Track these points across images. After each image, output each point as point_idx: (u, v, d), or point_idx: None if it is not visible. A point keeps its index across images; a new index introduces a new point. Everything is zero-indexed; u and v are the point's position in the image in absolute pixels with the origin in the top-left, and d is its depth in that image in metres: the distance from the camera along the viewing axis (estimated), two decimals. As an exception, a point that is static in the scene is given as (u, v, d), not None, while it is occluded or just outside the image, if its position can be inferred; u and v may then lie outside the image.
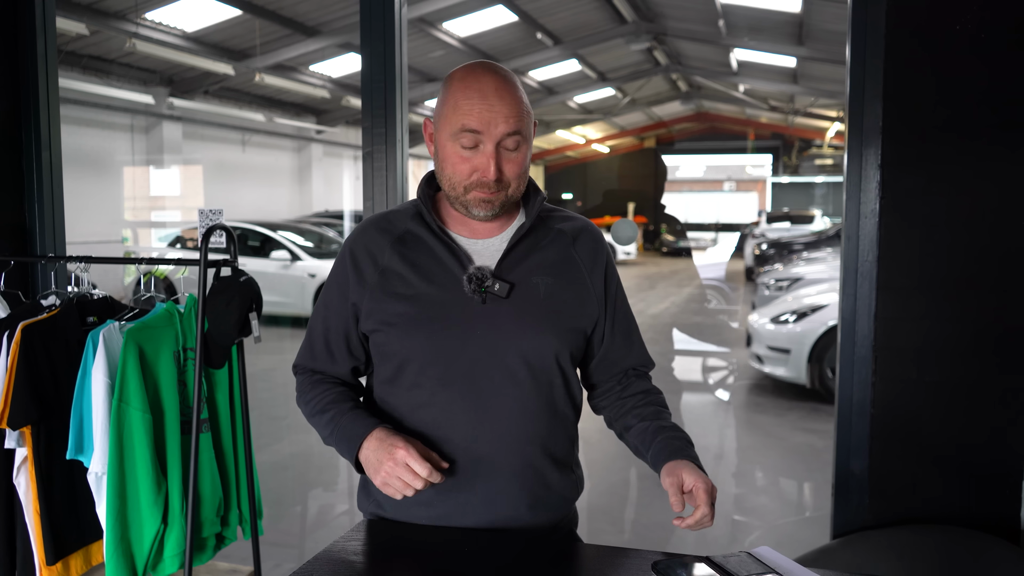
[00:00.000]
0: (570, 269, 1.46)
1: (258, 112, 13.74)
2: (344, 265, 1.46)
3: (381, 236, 1.45)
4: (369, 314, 1.42)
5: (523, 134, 1.36)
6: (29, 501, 2.05)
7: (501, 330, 1.38)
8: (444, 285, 1.39)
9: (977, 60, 1.97)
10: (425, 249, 1.42)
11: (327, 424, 1.43)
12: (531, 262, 1.43)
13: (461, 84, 1.35)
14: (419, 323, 1.38)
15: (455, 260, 1.40)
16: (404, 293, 1.40)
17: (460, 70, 1.38)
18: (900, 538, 2.00)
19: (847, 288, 2.10)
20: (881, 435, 2.09)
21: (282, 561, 3.20)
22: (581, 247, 1.48)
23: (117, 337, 2.02)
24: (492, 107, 1.32)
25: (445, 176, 1.39)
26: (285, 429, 5.28)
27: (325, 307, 1.50)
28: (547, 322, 1.41)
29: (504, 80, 1.36)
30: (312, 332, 1.51)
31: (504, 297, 1.38)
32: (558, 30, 12.20)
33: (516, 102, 1.35)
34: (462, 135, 1.33)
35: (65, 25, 8.30)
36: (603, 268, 1.50)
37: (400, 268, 1.41)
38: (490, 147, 1.33)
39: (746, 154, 22.32)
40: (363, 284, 1.43)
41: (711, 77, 15.57)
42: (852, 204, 2.08)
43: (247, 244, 9.51)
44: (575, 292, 1.45)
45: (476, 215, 1.39)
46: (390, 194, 2.35)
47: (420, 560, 1.32)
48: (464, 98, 1.33)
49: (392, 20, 2.30)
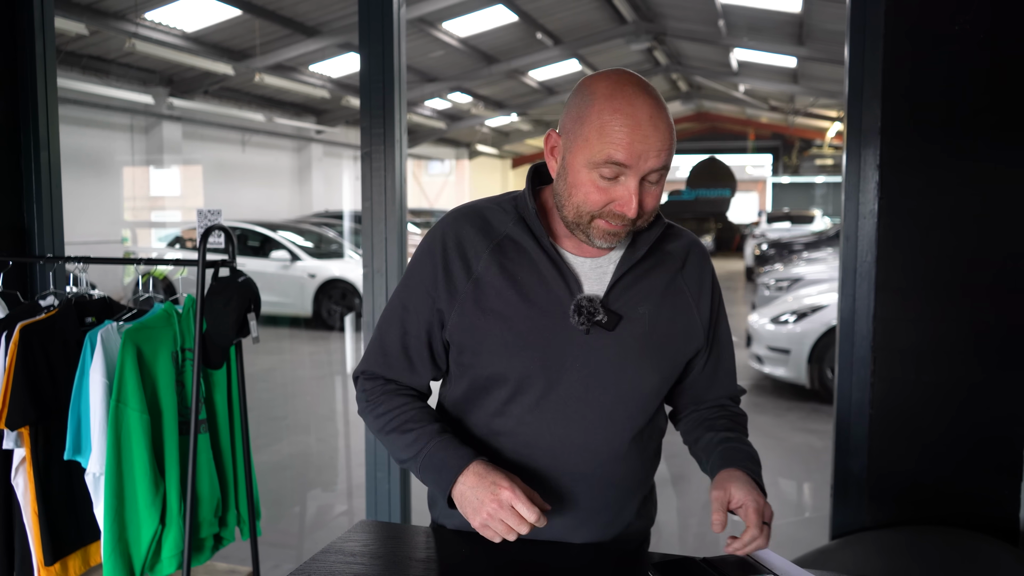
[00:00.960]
0: (677, 297, 1.32)
1: (258, 112, 13.75)
2: (432, 264, 1.30)
3: (478, 237, 1.29)
4: (458, 328, 1.28)
5: (668, 167, 1.20)
6: (27, 502, 2.05)
7: (603, 365, 1.26)
8: (547, 309, 1.26)
9: (976, 60, 1.97)
10: (527, 262, 1.28)
11: (409, 446, 1.27)
12: (639, 289, 1.29)
13: (609, 105, 1.16)
14: (515, 348, 1.25)
15: (562, 281, 1.26)
16: (501, 311, 1.26)
17: (607, 84, 1.19)
18: (899, 539, 2.00)
19: (846, 288, 2.10)
20: (880, 435, 2.09)
21: (281, 562, 3.20)
22: (689, 271, 1.35)
23: (115, 337, 2.02)
24: (646, 139, 1.15)
25: (571, 202, 1.21)
26: (284, 429, 5.28)
27: (403, 308, 1.33)
28: (651, 359, 1.29)
29: (658, 106, 1.17)
30: (386, 336, 1.34)
31: (610, 330, 1.26)
32: (558, 30, 12.21)
33: (669, 132, 1.18)
34: (605, 166, 1.17)
35: (65, 25, 8.31)
36: (710, 293, 1.37)
37: (498, 280, 1.27)
38: (634, 182, 1.17)
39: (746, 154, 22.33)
40: (453, 291, 1.28)
41: (711, 77, 15.58)
42: (851, 204, 2.08)
43: (247, 244, 9.51)
44: (681, 324, 1.32)
45: (598, 245, 1.24)
46: (389, 194, 2.35)
47: (419, 560, 1.32)
48: (613, 123, 1.15)
49: (391, 20, 2.30)
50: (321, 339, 8.72)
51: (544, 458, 1.28)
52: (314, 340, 8.74)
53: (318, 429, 5.40)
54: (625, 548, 1.37)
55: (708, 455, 1.35)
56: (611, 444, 1.29)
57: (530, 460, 1.28)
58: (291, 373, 7.13)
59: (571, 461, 1.28)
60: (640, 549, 1.43)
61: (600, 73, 1.22)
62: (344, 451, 4.92)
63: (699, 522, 3.82)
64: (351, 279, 8.92)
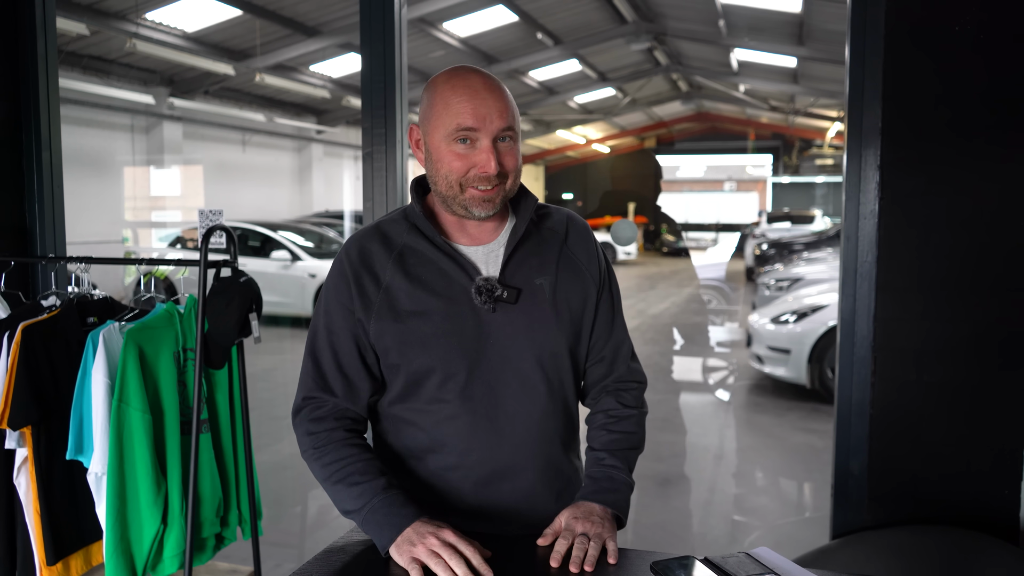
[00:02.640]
0: (568, 266, 1.46)
1: (258, 112, 13.74)
2: (345, 282, 1.41)
3: (380, 251, 1.42)
4: (379, 334, 1.38)
5: (515, 130, 1.36)
6: (29, 501, 2.05)
7: (514, 336, 1.39)
8: (453, 298, 1.38)
9: (976, 60, 1.97)
10: (427, 262, 1.40)
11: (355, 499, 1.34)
12: (531, 264, 1.43)
13: (448, 85, 1.35)
14: (435, 338, 1.37)
15: (461, 271, 1.39)
16: (414, 310, 1.38)
17: (443, 74, 1.38)
18: (899, 538, 2.00)
19: (846, 288, 2.10)
20: (880, 435, 2.09)
21: (282, 561, 3.20)
22: (573, 242, 1.49)
23: (117, 337, 2.03)
24: (485, 102, 1.32)
25: (441, 176, 1.37)
26: (285, 429, 5.27)
27: (329, 332, 1.42)
28: (555, 321, 1.42)
29: (490, 78, 1.36)
30: (320, 360, 1.42)
31: (513, 303, 1.39)
32: (558, 30, 12.20)
33: (506, 98, 1.35)
34: (457, 133, 1.33)
35: (65, 25, 8.31)
36: (596, 257, 1.51)
37: (405, 284, 1.39)
38: (487, 142, 1.33)
39: (746, 154, 22.34)
40: (367, 303, 1.39)
41: (711, 77, 15.58)
42: (851, 204, 2.08)
43: (247, 244, 9.51)
44: (577, 287, 1.46)
45: (476, 214, 1.37)
46: (390, 194, 2.35)
47: (419, 560, 1.32)
48: (455, 97, 1.33)
49: (392, 20, 2.30)
50: (322, 339, 8.70)
51: (488, 432, 1.39)
52: (315, 340, 8.71)
53: (319, 429, 5.39)
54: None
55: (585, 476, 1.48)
56: (539, 405, 1.41)
57: (475, 438, 1.39)
58: (292, 373, 7.10)
59: (508, 429, 1.40)
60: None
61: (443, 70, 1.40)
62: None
63: (699, 522, 3.82)
64: (351, 279, 8.89)
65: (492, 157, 1.33)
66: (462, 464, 1.40)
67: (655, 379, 1.64)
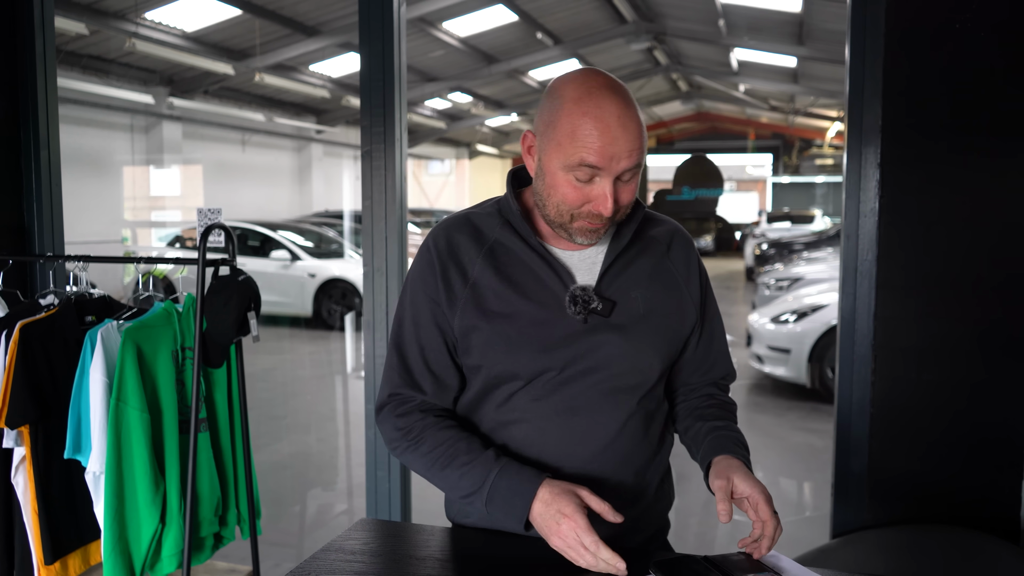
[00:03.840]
0: (666, 278, 1.37)
1: (258, 112, 13.75)
2: (432, 273, 1.33)
3: (470, 243, 1.33)
4: (461, 332, 1.31)
5: (641, 164, 1.24)
6: (27, 500, 2.05)
7: (603, 350, 1.30)
8: (544, 303, 1.30)
9: (976, 59, 1.97)
10: (519, 262, 1.32)
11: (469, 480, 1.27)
12: (629, 275, 1.34)
13: (578, 109, 1.20)
14: (520, 343, 1.29)
15: (555, 277, 1.31)
16: (501, 311, 1.29)
17: (576, 87, 1.22)
18: (899, 538, 1.99)
19: (846, 287, 2.10)
20: (880, 434, 2.08)
21: (281, 561, 3.20)
22: (675, 254, 1.40)
23: (115, 336, 2.02)
24: (616, 141, 1.18)
25: (551, 202, 1.26)
26: (284, 429, 5.28)
27: (415, 324, 1.35)
28: (647, 340, 1.33)
29: (626, 106, 1.21)
30: (406, 355, 1.35)
31: (606, 316, 1.30)
32: (558, 30, 12.21)
33: (639, 131, 1.21)
34: (578, 169, 1.21)
35: (65, 25, 8.31)
36: (697, 274, 1.42)
37: (494, 283, 1.31)
38: (607, 183, 1.21)
39: (746, 154, 22.34)
40: (452, 298, 1.31)
41: (711, 77, 15.58)
42: (851, 203, 2.08)
43: (247, 244, 9.51)
44: (673, 303, 1.37)
45: (579, 242, 1.28)
46: (389, 194, 2.35)
47: (420, 558, 1.32)
48: (584, 128, 1.19)
49: (391, 20, 2.30)
50: (321, 339, 8.72)
51: (555, 442, 1.31)
52: (314, 340, 8.74)
53: (318, 428, 5.41)
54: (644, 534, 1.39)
55: (699, 444, 1.38)
56: (618, 423, 1.32)
57: (541, 446, 1.31)
58: (291, 372, 7.13)
59: (580, 443, 1.31)
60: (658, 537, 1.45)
61: (569, 75, 1.26)
62: (344, 450, 4.92)
63: (699, 521, 3.82)
64: (351, 279, 8.92)
65: (610, 199, 1.21)
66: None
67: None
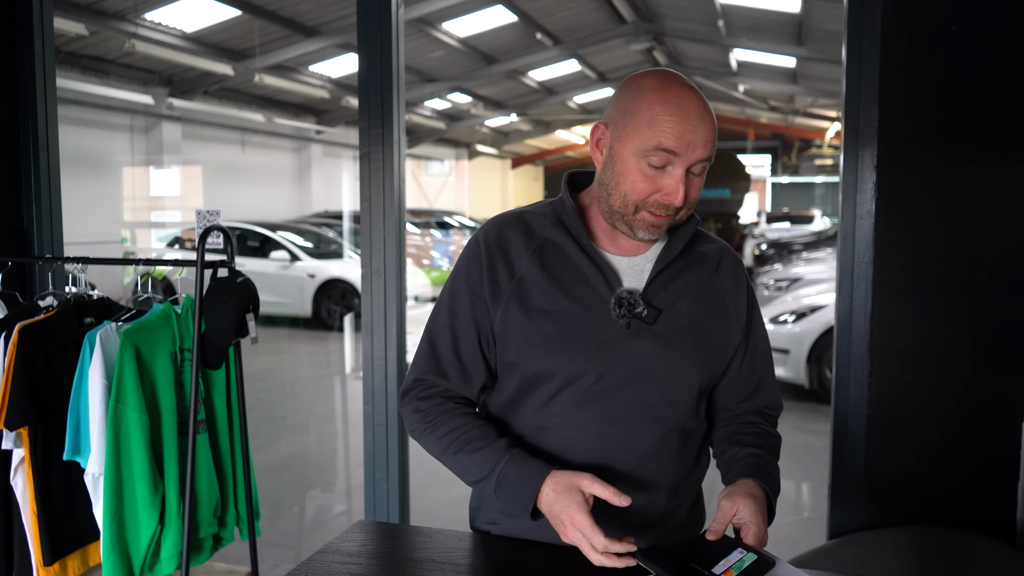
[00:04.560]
0: (713, 296, 1.36)
1: (257, 112, 13.74)
2: (478, 266, 1.33)
3: (520, 239, 1.33)
4: (503, 327, 1.30)
5: (711, 159, 1.25)
6: (26, 502, 2.05)
7: (644, 358, 1.29)
8: (589, 304, 1.29)
9: (973, 60, 1.97)
10: (567, 262, 1.32)
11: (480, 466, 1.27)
12: (677, 287, 1.33)
13: (659, 96, 1.21)
14: (560, 343, 1.28)
15: (602, 279, 1.30)
16: (545, 308, 1.29)
17: (655, 79, 1.24)
18: (896, 539, 2.00)
19: (843, 289, 2.10)
20: (878, 435, 2.09)
21: (280, 562, 3.20)
22: (724, 273, 1.38)
23: (114, 338, 2.02)
24: (695, 129, 1.20)
25: (618, 191, 1.25)
26: (283, 430, 5.28)
27: (452, 315, 1.34)
28: (691, 353, 1.31)
29: (703, 101, 1.24)
30: (437, 342, 1.35)
31: (650, 323, 1.29)
32: (558, 30, 12.21)
33: (714, 125, 1.23)
34: (654, 153, 1.21)
35: (64, 25, 8.31)
36: (745, 295, 1.40)
37: (540, 279, 1.30)
38: (681, 171, 1.22)
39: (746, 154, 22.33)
40: (497, 291, 1.31)
41: (711, 77, 15.57)
42: (848, 205, 2.08)
43: (246, 244, 9.51)
44: (720, 321, 1.35)
45: (639, 237, 1.27)
46: (387, 194, 2.35)
47: (417, 560, 1.32)
48: (664, 113, 1.20)
49: (389, 20, 2.30)
50: (320, 339, 8.72)
51: (589, 452, 1.29)
52: (313, 340, 8.74)
53: (317, 429, 5.41)
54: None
55: (730, 467, 1.36)
56: (655, 437, 1.30)
57: (576, 454, 1.29)
58: (290, 373, 7.13)
59: (616, 455, 1.29)
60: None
61: (648, 70, 1.27)
62: (343, 451, 4.92)
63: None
64: (350, 279, 8.92)
65: (682, 187, 1.22)
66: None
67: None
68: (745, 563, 1.19)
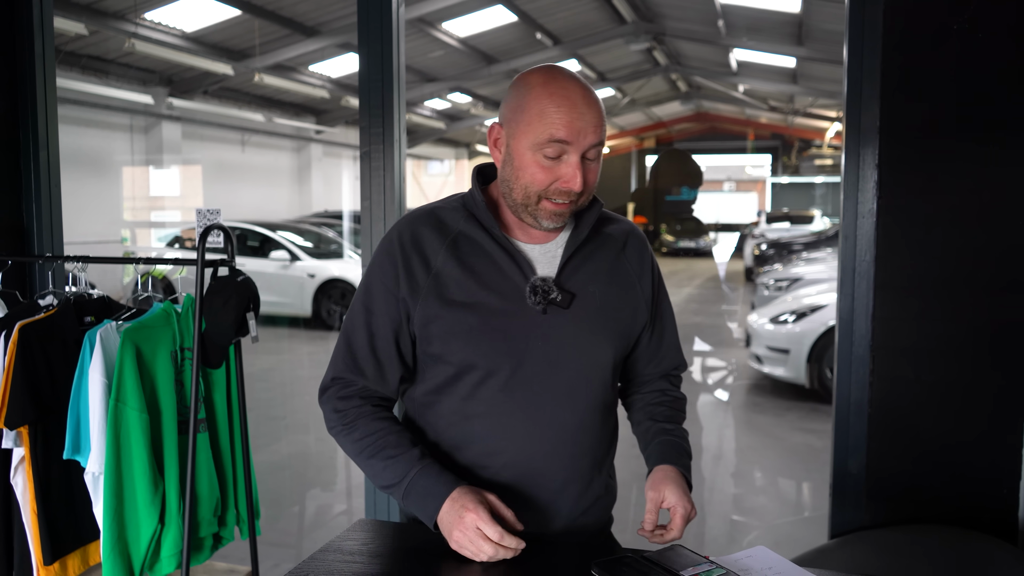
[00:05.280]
0: (621, 276, 1.43)
1: (257, 112, 13.74)
2: (392, 264, 1.37)
3: (433, 235, 1.37)
4: (423, 321, 1.34)
5: (603, 143, 1.31)
6: (26, 501, 2.05)
7: (562, 341, 1.35)
8: (505, 294, 1.34)
9: (974, 60, 1.97)
10: (482, 254, 1.36)
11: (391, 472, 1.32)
12: (587, 270, 1.39)
13: (545, 91, 1.27)
14: (481, 332, 1.32)
15: (516, 268, 1.35)
16: (463, 300, 1.33)
17: (541, 75, 1.30)
18: (897, 538, 2.00)
19: (845, 288, 2.10)
20: (879, 435, 2.09)
21: (280, 561, 3.20)
22: (630, 252, 1.46)
23: (114, 337, 2.02)
24: (583, 116, 1.26)
25: (519, 184, 1.31)
26: (283, 429, 5.28)
27: (368, 312, 1.38)
28: (604, 332, 1.38)
29: (588, 89, 1.30)
30: (353, 341, 1.39)
31: (565, 307, 1.35)
32: (558, 30, 12.20)
33: (601, 110, 1.30)
34: (548, 145, 1.27)
35: (64, 25, 8.31)
36: (650, 270, 1.48)
37: (456, 273, 1.34)
38: (576, 158, 1.28)
39: (746, 154, 22.34)
40: (415, 287, 1.35)
41: (711, 77, 15.58)
42: (850, 204, 2.08)
43: (246, 244, 9.50)
44: (628, 300, 1.43)
45: (543, 226, 1.33)
46: (388, 194, 2.35)
47: (417, 559, 1.32)
48: (552, 105, 1.26)
49: (389, 20, 2.30)
50: (320, 339, 8.72)
51: (521, 436, 1.35)
52: (313, 340, 8.74)
53: (317, 429, 5.40)
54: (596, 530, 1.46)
55: (646, 444, 1.48)
56: (577, 416, 1.37)
57: (508, 440, 1.35)
58: (290, 373, 7.13)
59: (544, 436, 1.35)
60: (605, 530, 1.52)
61: (534, 68, 1.34)
62: (343, 451, 4.92)
63: (698, 521, 3.82)
64: (350, 279, 8.91)
65: (579, 174, 1.28)
66: (490, 465, 1.36)
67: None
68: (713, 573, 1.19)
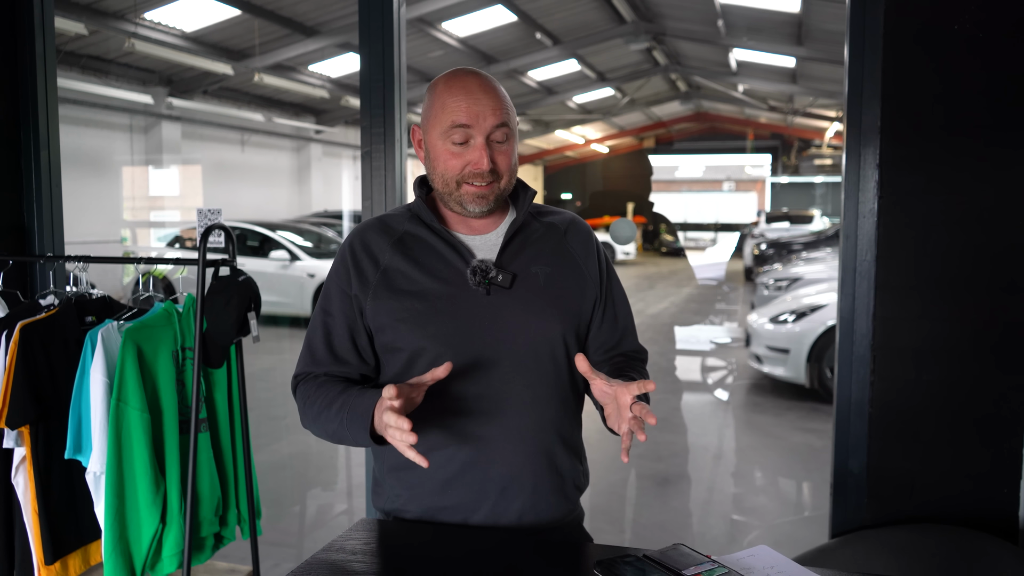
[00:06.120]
0: (565, 259, 1.50)
1: (257, 112, 13.73)
2: (344, 268, 1.47)
3: (380, 237, 1.47)
4: (374, 312, 1.43)
5: (510, 127, 1.41)
6: (27, 501, 2.05)
7: (507, 319, 1.41)
8: (448, 280, 1.42)
9: (975, 60, 1.97)
10: (426, 247, 1.45)
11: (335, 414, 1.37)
12: (528, 253, 1.47)
13: (445, 86, 1.41)
14: (428, 317, 1.40)
15: (457, 255, 1.44)
16: (409, 289, 1.42)
17: (444, 76, 1.45)
18: (898, 538, 2.00)
19: (845, 288, 2.10)
20: (879, 434, 2.09)
21: (281, 561, 3.20)
22: (572, 238, 1.53)
23: (115, 336, 2.02)
24: (479, 101, 1.38)
25: (438, 175, 1.43)
26: (284, 429, 5.28)
27: (325, 313, 1.48)
28: (550, 308, 1.45)
29: (486, 78, 1.42)
30: (312, 341, 1.49)
31: (507, 287, 1.42)
32: (557, 30, 12.20)
33: (500, 96, 1.41)
34: (453, 131, 1.38)
35: (64, 25, 8.30)
36: (595, 255, 1.54)
37: (403, 266, 1.44)
38: (480, 139, 1.38)
39: (745, 154, 22.34)
40: (365, 284, 1.44)
41: (710, 77, 15.57)
42: (850, 204, 2.08)
43: (246, 244, 9.50)
44: (573, 278, 1.49)
45: (471, 211, 1.43)
46: (389, 194, 2.35)
47: (418, 559, 1.32)
48: (451, 97, 1.39)
49: (391, 20, 2.30)
50: (320, 339, 8.70)
51: (477, 413, 1.40)
52: (313, 340, 8.71)
53: (318, 429, 5.40)
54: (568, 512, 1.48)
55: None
56: (531, 391, 1.42)
57: (465, 417, 1.40)
58: (291, 373, 7.09)
59: (502, 412, 1.40)
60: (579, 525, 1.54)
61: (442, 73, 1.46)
62: (344, 450, 4.92)
63: (698, 521, 3.82)
64: (350, 279, 8.89)
65: (485, 154, 1.38)
66: (448, 444, 1.40)
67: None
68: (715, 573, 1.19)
